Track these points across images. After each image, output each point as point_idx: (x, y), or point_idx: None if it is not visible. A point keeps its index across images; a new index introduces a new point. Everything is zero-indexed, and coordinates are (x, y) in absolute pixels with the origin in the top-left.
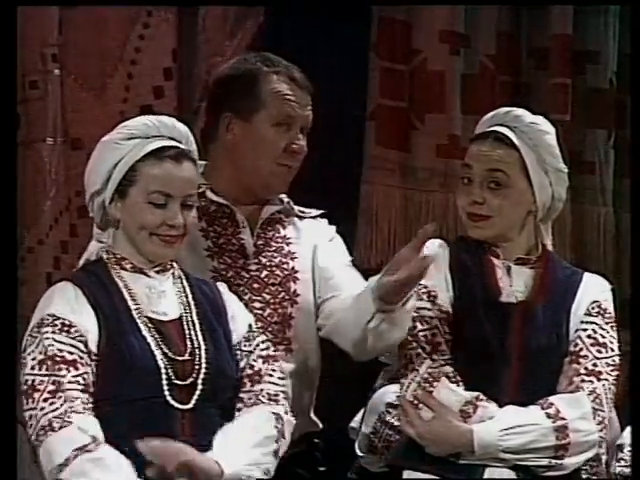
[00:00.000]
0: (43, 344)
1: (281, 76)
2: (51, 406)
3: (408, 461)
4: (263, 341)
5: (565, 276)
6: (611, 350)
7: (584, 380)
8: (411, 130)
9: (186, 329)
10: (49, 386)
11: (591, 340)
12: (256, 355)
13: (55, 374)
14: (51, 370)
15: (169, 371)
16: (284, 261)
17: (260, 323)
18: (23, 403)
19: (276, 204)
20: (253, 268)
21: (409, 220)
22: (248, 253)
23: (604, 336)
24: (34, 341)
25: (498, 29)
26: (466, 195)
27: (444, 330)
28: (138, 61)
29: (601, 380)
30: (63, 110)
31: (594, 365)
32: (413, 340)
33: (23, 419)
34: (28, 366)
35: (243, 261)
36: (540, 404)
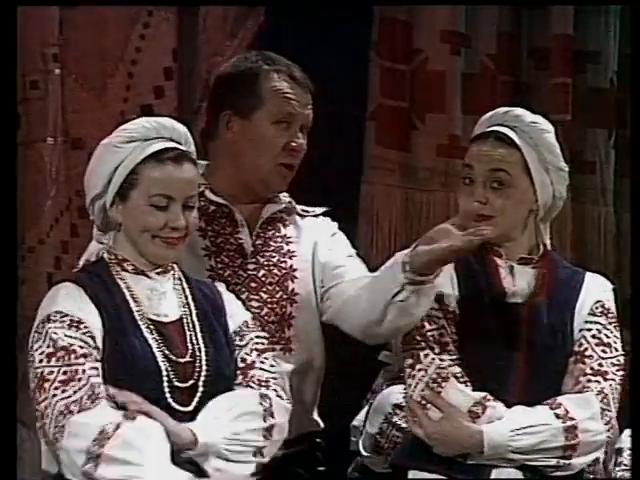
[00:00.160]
0: (51, 337)
1: (281, 74)
2: (63, 393)
3: (413, 461)
4: (258, 336)
5: (567, 275)
6: (615, 350)
7: (590, 380)
8: (411, 130)
9: (186, 330)
10: (60, 376)
11: (596, 340)
12: (249, 349)
13: (67, 364)
14: (62, 361)
15: (170, 374)
16: (282, 260)
17: (258, 322)
18: (35, 399)
19: (277, 203)
20: (251, 267)
21: (410, 220)
22: (246, 252)
23: (608, 336)
24: (40, 336)
25: (499, 29)
26: (468, 195)
27: (451, 330)
28: (138, 61)
29: (608, 380)
30: (63, 110)
31: (600, 365)
32: (421, 340)
33: (24, 418)
34: (36, 360)
35: (241, 260)
36: (549, 404)
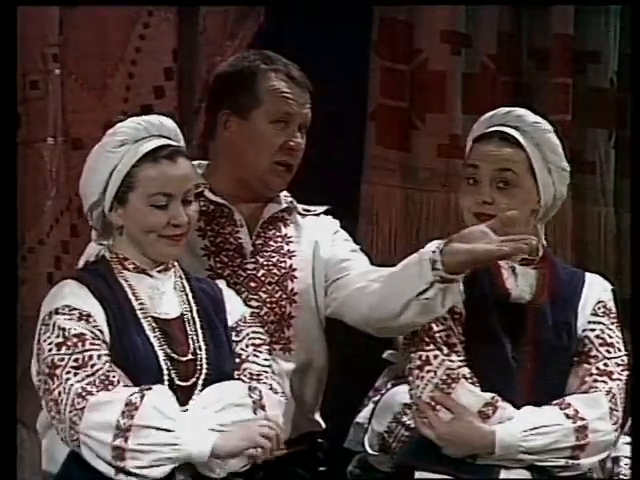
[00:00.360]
0: (61, 327)
1: (279, 74)
2: (76, 377)
3: (419, 461)
4: (254, 331)
5: (567, 276)
6: (619, 350)
7: (597, 380)
8: (412, 130)
9: (187, 328)
10: (71, 362)
11: (600, 340)
12: (244, 344)
13: (78, 351)
14: (73, 349)
15: (172, 373)
16: (282, 260)
17: (257, 320)
18: (47, 389)
19: (279, 203)
20: (250, 267)
21: (410, 220)
22: (245, 252)
23: (611, 336)
24: (48, 328)
25: (499, 29)
26: (473, 195)
27: (458, 331)
28: (139, 61)
29: (614, 380)
30: (63, 110)
31: (605, 365)
32: (430, 341)
33: (25, 418)
34: (45, 350)
35: (240, 260)
36: (558, 404)
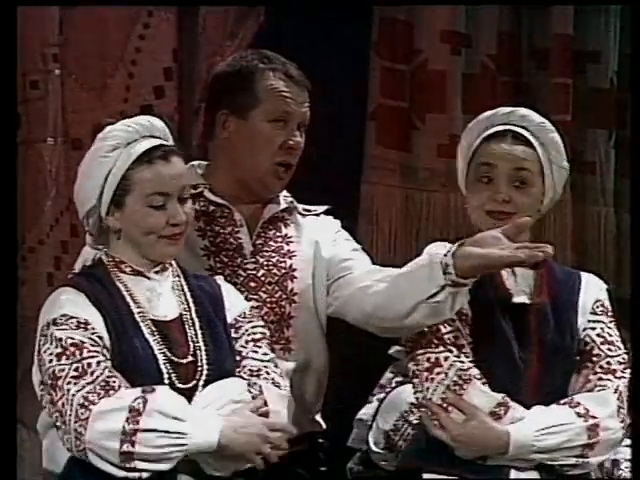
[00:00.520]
0: (59, 338)
1: (277, 73)
2: (76, 386)
3: (427, 463)
4: (253, 326)
5: (564, 276)
6: (619, 348)
7: (602, 378)
8: (412, 130)
9: (187, 328)
10: (71, 372)
11: (601, 339)
12: (244, 340)
13: (77, 360)
14: (72, 358)
15: (172, 376)
16: (282, 260)
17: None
18: (52, 401)
19: (279, 203)
20: (250, 267)
21: (410, 220)
22: (245, 252)
23: (611, 334)
24: (47, 339)
25: (499, 29)
26: (487, 193)
27: (465, 332)
28: (138, 61)
29: (619, 378)
30: (63, 110)
31: (608, 363)
32: (439, 343)
33: (25, 418)
34: (46, 362)
35: (240, 260)
36: (567, 403)
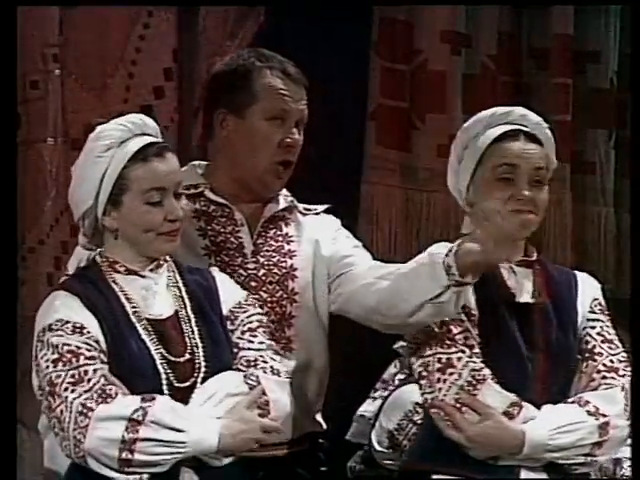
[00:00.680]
0: (55, 345)
1: (275, 71)
2: (73, 393)
3: (436, 464)
4: (248, 316)
5: (560, 275)
6: (617, 347)
7: (605, 377)
8: (412, 130)
9: (183, 325)
10: (68, 378)
11: (601, 337)
12: (240, 331)
13: (74, 367)
14: (69, 365)
15: (169, 375)
16: (282, 260)
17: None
18: (50, 407)
19: (279, 202)
20: (251, 267)
21: (410, 220)
22: (246, 252)
23: (610, 333)
24: (44, 345)
25: (499, 29)
26: (506, 192)
27: (474, 332)
28: (138, 61)
29: (622, 376)
30: (63, 110)
31: (610, 362)
32: (451, 344)
33: (25, 419)
34: (43, 368)
35: (241, 259)
36: (576, 402)
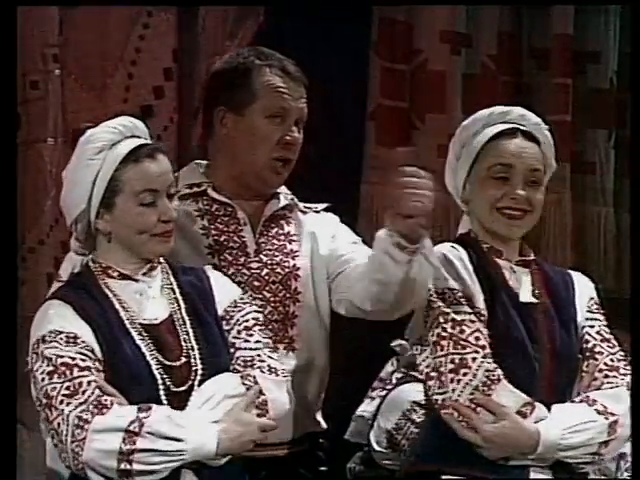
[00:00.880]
0: (48, 357)
1: (274, 69)
2: (68, 406)
3: (445, 464)
4: (243, 315)
5: (557, 275)
6: (615, 345)
7: (608, 375)
8: (412, 130)
9: (178, 329)
10: (63, 390)
11: (600, 336)
12: (235, 331)
13: (69, 379)
14: (63, 377)
15: (166, 380)
16: (285, 259)
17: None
18: (47, 419)
19: (279, 200)
20: (254, 266)
21: None
22: (249, 251)
23: (607, 332)
24: (39, 358)
25: (499, 29)
26: (502, 191)
27: (485, 332)
28: (138, 61)
29: (624, 375)
30: (63, 110)
31: (611, 360)
32: (465, 344)
33: (25, 419)
34: (39, 380)
35: (244, 258)
36: (584, 401)
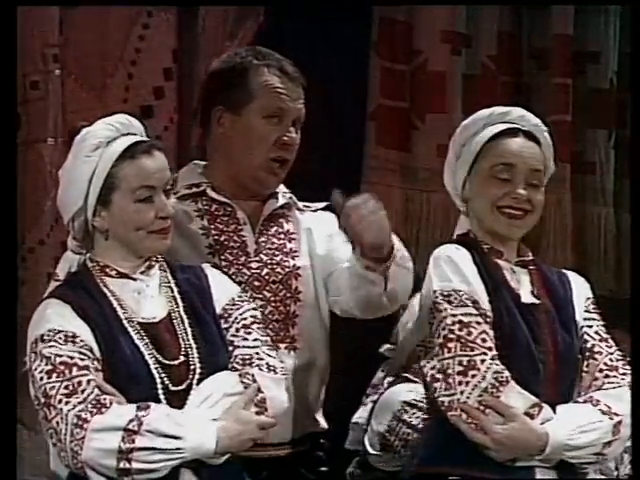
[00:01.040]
0: (47, 356)
1: (272, 69)
2: (67, 405)
3: (452, 467)
4: (242, 312)
5: (554, 275)
6: (612, 345)
7: (608, 375)
8: (412, 130)
9: (176, 327)
10: (62, 389)
11: (598, 336)
12: (234, 329)
13: (67, 378)
14: (62, 376)
15: (164, 379)
16: (285, 259)
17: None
18: (46, 418)
19: (278, 199)
20: (254, 266)
21: (410, 220)
22: (249, 250)
23: (604, 331)
24: (37, 357)
25: (499, 29)
26: (504, 190)
27: (491, 333)
28: (138, 62)
29: (624, 374)
30: (63, 110)
31: (610, 360)
32: (473, 346)
33: (25, 419)
34: (37, 379)
35: (244, 258)
36: (588, 402)
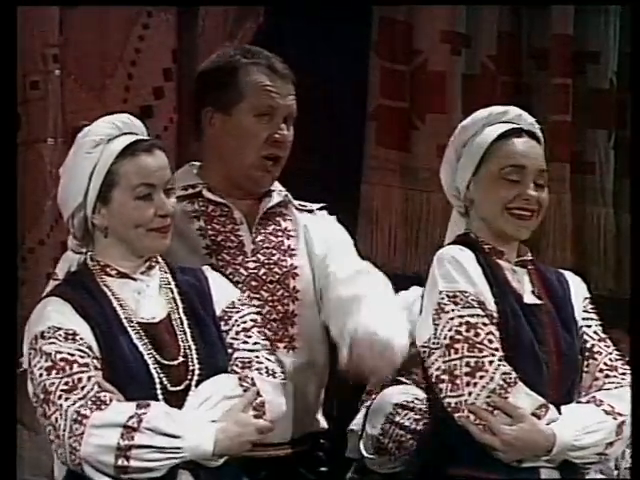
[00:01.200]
0: (47, 353)
1: (261, 67)
2: (67, 401)
3: (458, 468)
4: (242, 316)
5: (551, 274)
6: (610, 345)
7: (608, 375)
8: (412, 130)
9: (176, 328)
10: (62, 386)
11: (597, 336)
12: (234, 332)
13: (68, 374)
14: (62, 373)
15: (163, 379)
16: (283, 258)
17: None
18: (45, 414)
19: (273, 197)
20: (251, 266)
21: (410, 220)
22: (246, 250)
23: (602, 331)
24: (37, 353)
25: (499, 29)
26: (514, 192)
27: (498, 335)
28: (138, 62)
29: (624, 374)
30: (63, 110)
31: (610, 360)
32: (481, 347)
33: (25, 419)
34: (37, 375)
35: (242, 258)
36: (591, 402)
